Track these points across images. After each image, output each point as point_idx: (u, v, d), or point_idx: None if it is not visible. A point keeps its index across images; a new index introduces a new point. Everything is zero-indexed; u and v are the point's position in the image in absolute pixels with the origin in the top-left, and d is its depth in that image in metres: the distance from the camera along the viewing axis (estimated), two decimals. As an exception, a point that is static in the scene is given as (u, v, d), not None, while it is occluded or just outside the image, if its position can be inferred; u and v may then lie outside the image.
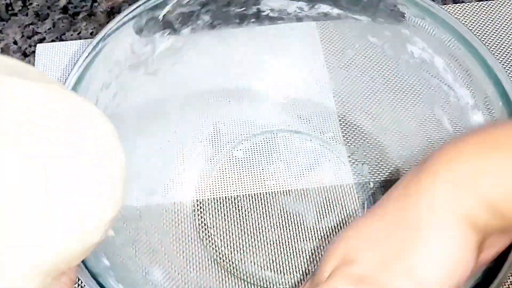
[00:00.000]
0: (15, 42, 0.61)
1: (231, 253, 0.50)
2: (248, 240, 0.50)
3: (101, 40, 0.44)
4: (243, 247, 0.50)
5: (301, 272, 0.48)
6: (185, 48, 0.51)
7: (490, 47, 0.52)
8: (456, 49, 0.44)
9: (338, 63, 0.54)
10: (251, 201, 0.52)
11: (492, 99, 0.42)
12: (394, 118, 0.51)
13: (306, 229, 0.50)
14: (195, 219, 0.51)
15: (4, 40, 0.61)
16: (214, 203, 0.52)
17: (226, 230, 0.51)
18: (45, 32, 0.62)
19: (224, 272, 0.48)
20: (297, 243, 0.50)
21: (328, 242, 0.49)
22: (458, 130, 0.46)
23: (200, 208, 0.52)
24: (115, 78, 0.46)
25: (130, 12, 0.46)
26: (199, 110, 0.53)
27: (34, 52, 0.60)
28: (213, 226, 0.51)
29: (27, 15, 0.63)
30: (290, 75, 0.55)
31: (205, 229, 0.51)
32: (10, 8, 0.64)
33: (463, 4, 0.61)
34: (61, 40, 0.61)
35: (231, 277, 0.48)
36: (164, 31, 0.49)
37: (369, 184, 0.53)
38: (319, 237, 0.50)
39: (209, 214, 0.52)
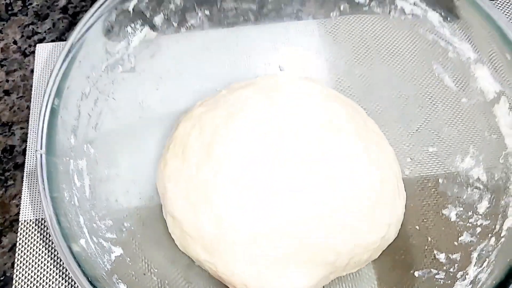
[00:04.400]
0: (15, 42, 0.59)
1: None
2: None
3: (72, 47, 0.40)
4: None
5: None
6: (161, 38, 0.48)
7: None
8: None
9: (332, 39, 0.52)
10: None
11: (498, 52, 0.39)
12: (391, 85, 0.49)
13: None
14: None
15: (4, 40, 0.59)
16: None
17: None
18: (45, 32, 0.60)
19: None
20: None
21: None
22: (461, 88, 0.44)
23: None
24: (93, 84, 0.43)
25: (97, 10, 0.42)
26: (185, 102, 0.50)
27: (33, 52, 0.58)
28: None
29: (27, 15, 0.61)
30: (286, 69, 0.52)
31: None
32: (10, 8, 0.61)
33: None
34: (61, 40, 0.59)
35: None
36: (136, 22, 0.46)
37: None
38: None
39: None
